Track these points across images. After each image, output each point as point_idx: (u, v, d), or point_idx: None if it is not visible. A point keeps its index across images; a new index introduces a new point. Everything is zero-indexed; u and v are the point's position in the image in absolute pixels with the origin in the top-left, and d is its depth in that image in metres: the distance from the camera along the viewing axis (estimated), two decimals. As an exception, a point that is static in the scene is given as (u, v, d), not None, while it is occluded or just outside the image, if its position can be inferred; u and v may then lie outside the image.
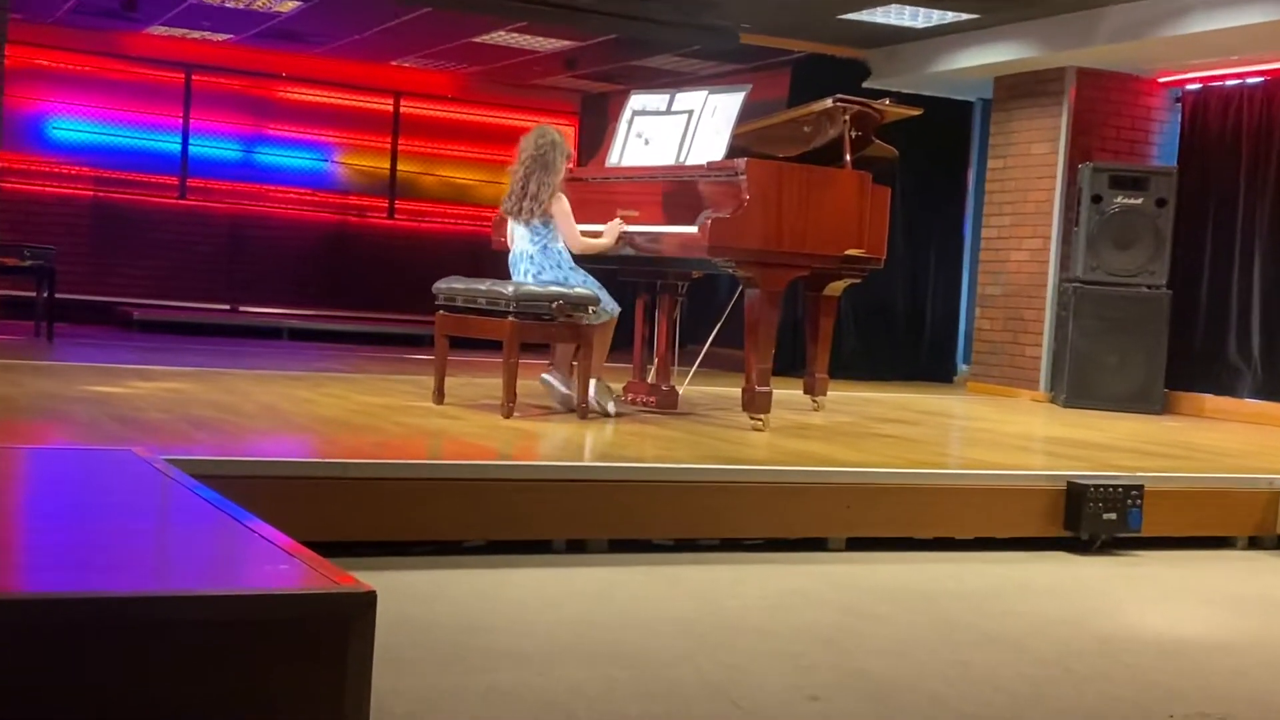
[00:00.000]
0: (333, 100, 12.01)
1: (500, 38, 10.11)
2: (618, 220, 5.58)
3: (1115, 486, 4.57)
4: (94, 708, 1.69)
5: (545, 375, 5.74)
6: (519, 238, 5.48)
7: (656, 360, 6.10)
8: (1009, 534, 4.55)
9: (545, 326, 5.24)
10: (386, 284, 11.95)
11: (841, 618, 3.44)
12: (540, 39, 10.10)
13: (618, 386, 6.01)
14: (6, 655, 1.65)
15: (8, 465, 3.01)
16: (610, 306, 5.49)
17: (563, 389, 5.66)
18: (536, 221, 5.39)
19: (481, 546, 3.90)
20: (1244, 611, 3.92)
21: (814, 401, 6.32)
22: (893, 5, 8.38)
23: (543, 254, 5.43)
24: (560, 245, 5.46)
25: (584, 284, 5.40)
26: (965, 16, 8.47)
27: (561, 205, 5.40)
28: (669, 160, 5.64)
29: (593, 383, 5.44)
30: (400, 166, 12.32)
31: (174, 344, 8.81)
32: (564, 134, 5.63)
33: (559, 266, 5.42)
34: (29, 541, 2.20)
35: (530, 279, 5.39)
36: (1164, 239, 8.09)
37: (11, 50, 10.70)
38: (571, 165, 5.57)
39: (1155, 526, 4.68)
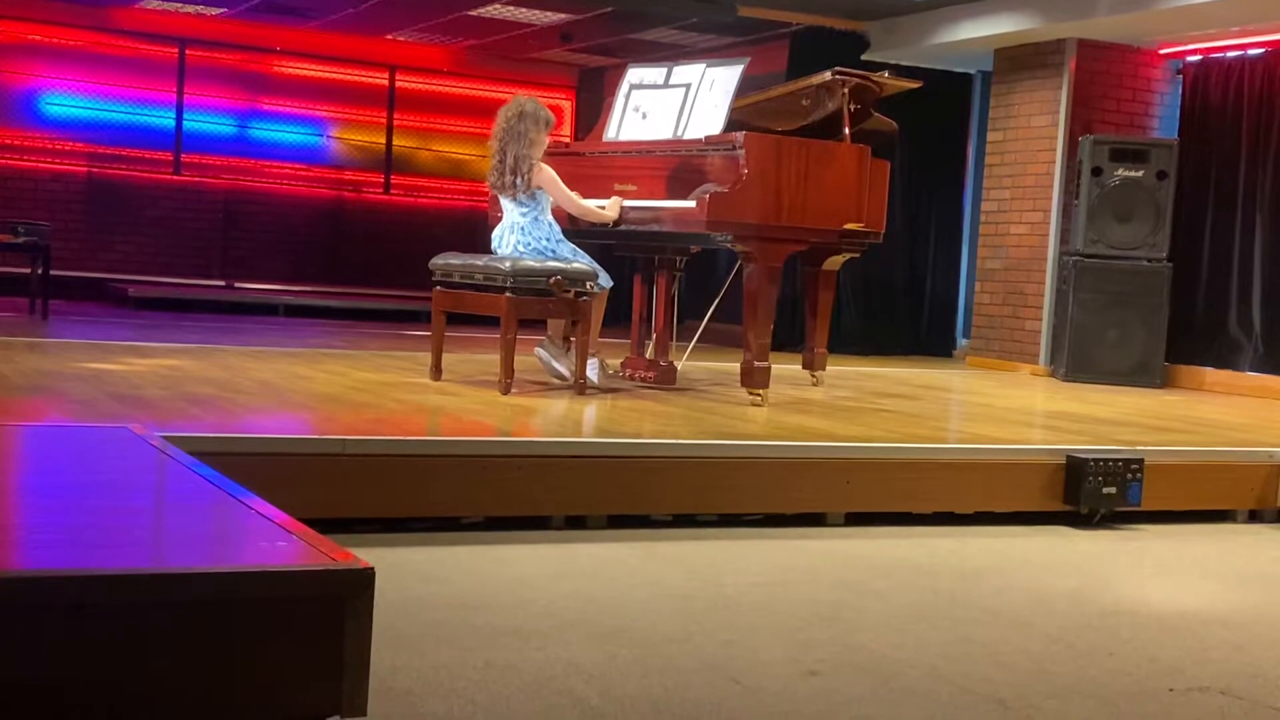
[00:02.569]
0: (328, 75, 11.95)
1: (496, 11, 10.05)
2: (617, 198, 5.56)
3: (1115, 460, 4.57)
4: (92, 685, 1.69)
5: (539, 350, 5.73)
6: (508, 210, 5.49)
7: (655, 336, 6.09)
8: (1009, 508, 4.55)
9: (543, 302, 5.22)
10: (383, 260, 11.92)
11: (840, 593, 3.44)
12: (536, 12, 10.04)
13: (613, 363, 5.99)
14: (4, 632, 1.64)
15: (4, 443, 2.99)
16: (604, 280, 5.48)
17: (556, 364, 5.66)
18: (523, 195, 5.37)
19: (480, 523, 3.89)
20: (1244, 585, 3.92)
21: (813, 376, 6.31)
22: (891, -23, 8.35)
23: (534, 225, 5.42)
24: (549, 218, 5.45)
25: (574, 256, 5.39)
26: (964, -12, 8.43)
27: (545, 174, 5.37)
28: (666, 134, 5.61)
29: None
30: (396, 141, 12.27)
31: (170, 321, 8.78)
32: (541, 102, 5.53)
33: (548, 239, 5.42)
34: (26, 519, 2.19)
35: (520, 250, 5.37)
36: (1164, 212, 8.07)
37: (3, 25, 10.67)
38: (562, 132, 5.53)
39: (1155, 500, 4.68)
